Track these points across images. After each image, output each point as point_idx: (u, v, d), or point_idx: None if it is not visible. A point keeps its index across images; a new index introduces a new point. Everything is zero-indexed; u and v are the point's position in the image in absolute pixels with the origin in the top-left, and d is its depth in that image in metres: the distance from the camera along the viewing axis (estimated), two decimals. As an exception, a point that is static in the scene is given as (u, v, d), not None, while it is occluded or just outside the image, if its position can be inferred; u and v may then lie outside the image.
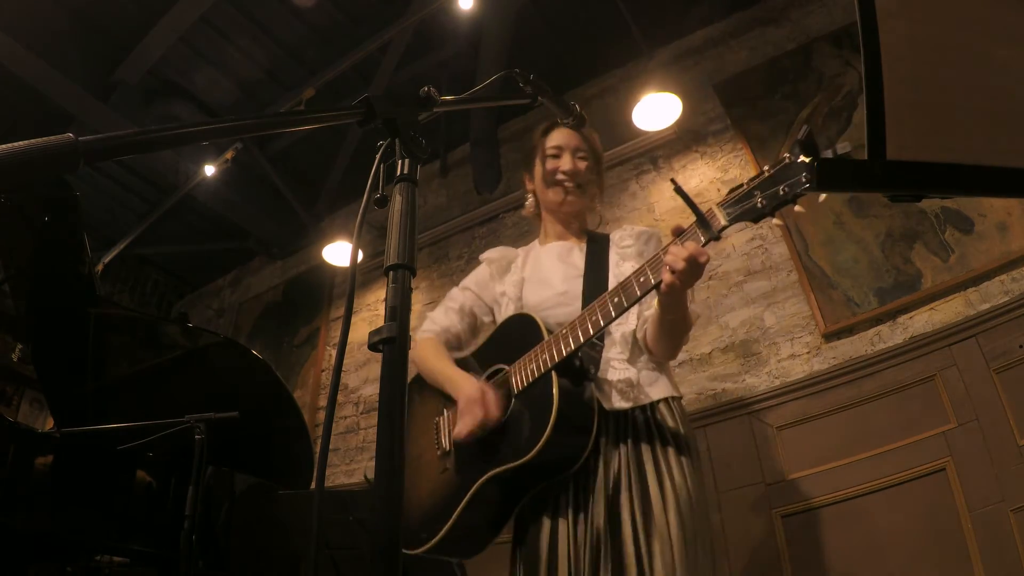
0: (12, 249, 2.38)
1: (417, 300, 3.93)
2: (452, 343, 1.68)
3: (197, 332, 2.52)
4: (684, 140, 3.36)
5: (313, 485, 2.43)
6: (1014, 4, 0.58)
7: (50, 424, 3.60)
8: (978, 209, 2.44)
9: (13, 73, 3.36)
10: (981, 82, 0.59)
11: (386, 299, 0.71)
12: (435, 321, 1.72)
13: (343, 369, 3.85)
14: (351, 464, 3.73)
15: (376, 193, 0.79)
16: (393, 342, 0.68)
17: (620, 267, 1.53)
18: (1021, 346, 2.13)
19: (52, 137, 0.58)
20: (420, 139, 0.83)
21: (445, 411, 1.54)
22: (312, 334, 4.40)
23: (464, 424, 1.37)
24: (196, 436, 1.91)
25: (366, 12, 3.67)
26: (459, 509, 1.36)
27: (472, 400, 1.38)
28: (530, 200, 1.80)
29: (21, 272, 2.41)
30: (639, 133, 3.42)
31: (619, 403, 1.39)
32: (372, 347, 0.69)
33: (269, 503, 2.16)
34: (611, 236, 1.65)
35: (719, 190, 3.13)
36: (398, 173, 0.79)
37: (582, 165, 1.68)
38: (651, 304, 1.40)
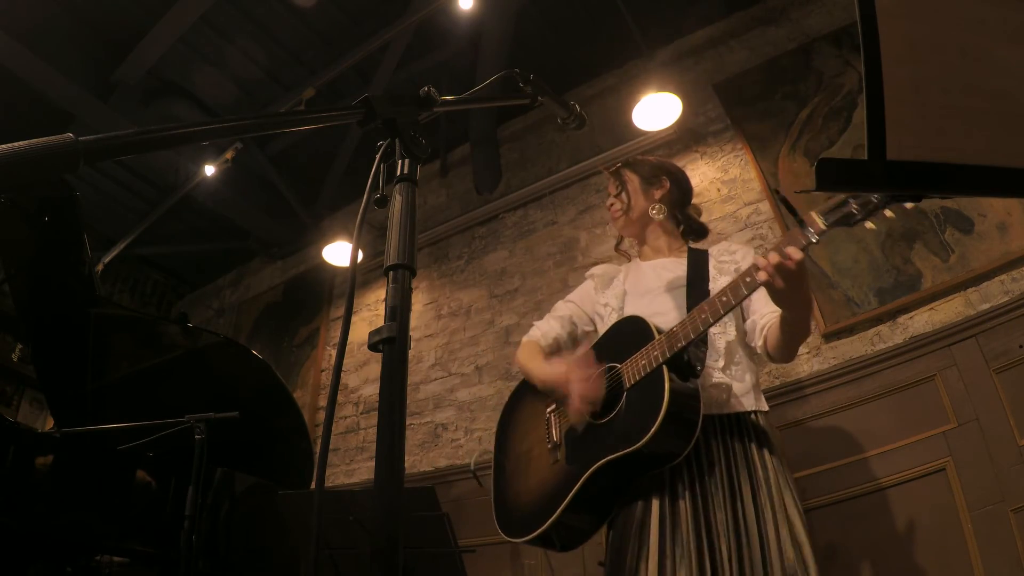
0: (12, 249, 2.38)
1: (417, 300, 3.92)
2: (551, 347, 1.79)
3: (197, 332, 2.52)
4: (684, 140, 3.36)
5: (313, 485, 2.43)
6: (1014, 4, 0.58)
7: (50, 424, 3.61)
8: (978, 209, 2.44)
9: (14, 73, 3.36)
10: (981, 82, 0.59)
11: (386, 299, 0.71)
12: (538, 327, 1.86)
13: (343, 369, 3.85)
14: (351, 464, 3.72)
15: (376, 193, 0.79)
16: (393, 342, 0.68)
17: (718, 280, 1.62)
18: (1021, 346, 2.13)
19: (52, 137, 0.58)
20: (420, 139, 0.83)
21: (555, 404, 1.63)
22: (312, 334, 4.40)
23: (578, 399, 1.47)
24: (196, 436, 1.92)
25: (366, 12, 3.67)
26: (572, 493, 1.43)
27: (571, 379, 1.50)
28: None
29: (21, 272, 2.41)
30: (639, 133, 3.42)
31: (714, 409, 1.48)
32: (372, 347, 0.69)
33: (269, 503, 2.16)
34: (710, 251, 1.74)
35: (719, 190, 3.13)
36: (398, 173, 0.80)
37: (616, 203, 1.88)
38: (765, 314, 1.51)
